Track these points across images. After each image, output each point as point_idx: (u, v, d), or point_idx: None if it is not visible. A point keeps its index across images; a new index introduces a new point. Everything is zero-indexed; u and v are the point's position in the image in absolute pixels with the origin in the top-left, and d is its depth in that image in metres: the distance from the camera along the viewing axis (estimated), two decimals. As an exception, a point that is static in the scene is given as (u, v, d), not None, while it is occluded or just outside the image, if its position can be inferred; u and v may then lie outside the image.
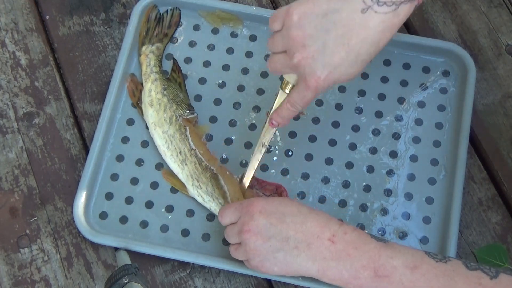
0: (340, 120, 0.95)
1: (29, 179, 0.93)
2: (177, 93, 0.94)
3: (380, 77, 0.97)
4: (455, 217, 0.87)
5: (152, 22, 0.99)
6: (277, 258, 0.77)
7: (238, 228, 0.79)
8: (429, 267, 0.71)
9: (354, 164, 0.92)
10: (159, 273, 0.88)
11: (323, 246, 0.75)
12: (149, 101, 0.93)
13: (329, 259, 0.74)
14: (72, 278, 0.88)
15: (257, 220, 0.77)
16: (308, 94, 0.78)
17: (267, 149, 0.92)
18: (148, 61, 0.96)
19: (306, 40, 0.74)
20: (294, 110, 0.81)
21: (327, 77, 0.75)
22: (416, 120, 0.95)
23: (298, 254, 0.76)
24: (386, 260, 0.72)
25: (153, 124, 0.92)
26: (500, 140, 0.95)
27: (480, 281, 0.68)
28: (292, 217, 0.77)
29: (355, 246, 0.74)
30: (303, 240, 0.75)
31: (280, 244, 0.76)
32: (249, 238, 0.77)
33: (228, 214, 0.82)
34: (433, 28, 1.01)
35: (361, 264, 0.73)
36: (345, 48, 0.74)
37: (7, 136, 0.95)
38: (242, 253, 0.80)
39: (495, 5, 1.02)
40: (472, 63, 0.95)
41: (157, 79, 0.95)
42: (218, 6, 1.00)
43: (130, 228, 0.89)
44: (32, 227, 0.90)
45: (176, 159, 0.90)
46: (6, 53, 1.00)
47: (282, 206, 0.78)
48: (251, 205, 0.79)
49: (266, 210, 0.78)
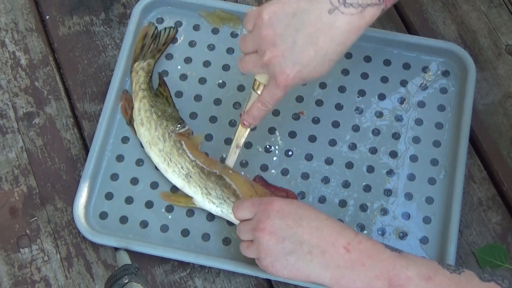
0: (340, 120, 0.95)
1: (29, 179, 0.93)
2: (165, 108, 0.93)
3: (380, 77, 0.97)
4: (455, 217, 0.87)
5: (148, 38, 0.98)
6: (288, 261, 0.75)
7: (253, 225, 0.78)
8: (443, 278, 0.70)
9: (354, 164, 0.92)
10: (159, 273, 0.88)
11: (338, 254, 0.74)
12: (139, 120, 0.93)
13: (343, 268, 0.73)
14: (72, 278, 0.88)
15: (273, 220, 0.76)
16: (278, 91, 0.79)
17: (267, 149, 0.93)
18: (138, 78, 0.95)
19: (276, 38, 0.76)
20: (265, 109, 0.83)
21: (296, 75, 0.77)
22: (416, 120, 0.95)
23: (311, 259, 0.74)
24: (400, 271, 0.71)
25: (147, 143, 0.92)
26: (500, 140, 0.95)
27: None
28: (308, 221, 0.76)
29: (369, 255, 0.73)
30: (317, 246, 0.74)
31: (293, 247, 0.75)
32: (263, 237, 0.76)
33: (245, 208, 0.81)
34: (433, 28, 1.01)
35: (375, 274, 0.72)
36: (314, 47, 0.76)
37: (7, 136, 0.95)
38: (253, 251, 0.79)
39: (495, 5, 1.02)
40: (472, 63, 0.95)
41: (145, 97, 0.94)
42: (218, 6, 1.00)
43: (130, 228, 0.89)
44: (32, 227, 0.90)
45: (179, 174, 0.90)
46: (6, 53, 1.00)
47: (300, 209, 0.77)
48: (270, 204, 0.78)
49: (284, 211, 0.77)
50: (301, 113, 0.95)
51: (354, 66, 0.98)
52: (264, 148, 0.94)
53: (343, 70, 0.98)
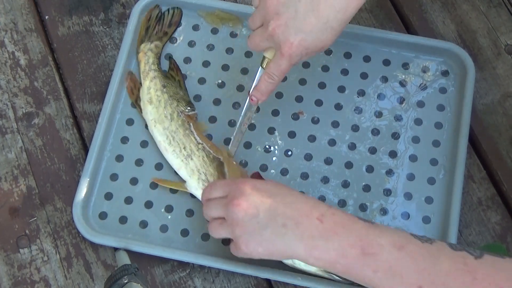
0: (339, 120, 0.95)
1: (29, 179, 0.93)
2: (177, 90, 0.94)
3: (380, 77, 0.97)
4: (454, 217, 0.87)
5: (152, 20, 0.99)
6: (263, 236, 0.75)
7: (226, 201, 0.78)
8: (415, 247, 0.71)
9: (354, 164, 0.92)
10: (159, 273, 0.88)
11: (312, 224, 0.74)
12: (148, 99, 0.93)
13: (317, 238, 0.73)
14: (71, 278, 0.88)
15: (247, 196, 0.76)
16: (283, 62, 0.81)
17: (266, 149, 0.93)
18: (147, 58, 0.96)
19: (280, 7, 0.78)
20: (272, 81, 0.84)
21: (300, 43, 0.79)
22: (416, 120, 0.95)
23: (286, 232, 0.74)
24: (373, 239, 0.72)
25: (152, 121, 0.92)
26: (500, 139, 0.95)
27: (465, 260, 0.69)
28: (282, 197, 0.76)
29: (342, 225, 0.73)
30: (291, 218, 0.74)
31: (268, 220, 0.75)
32: (238, 211, 0.75)
33: (218, 188, 0.81)
34: (432, 28, 1.01)
35: (348, 243, 0.72)
36: (315, 14, 0.77)
37: (7, 136, 0.95)
38: (226, 229, 0.78)
39: (495, 5, 1.02)
40: (471, 63, 0.95)
41: (156, 77, 0.95)
42: (218, 6, 1.00)
43: (130, 228, 0.89)
44: (32, 227, 0.90)
45: (179, 154, 0.90)
46: (5, 53, 1.00)
47: (274, 187, 0.78)
48: (244, 183, 0.78)
49: (258, 188, 0.77)
50: (300, 113, 0.95)
51: (354, 66, 0.98)
52: (263, 148, 0.94)
53: (342, 70, 0.98)
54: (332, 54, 0.99)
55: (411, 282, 0.70)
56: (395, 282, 0.70)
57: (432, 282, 0.69)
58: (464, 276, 0.68)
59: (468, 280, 0.67)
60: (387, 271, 0.70)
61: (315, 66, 0.98)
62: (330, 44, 0.81)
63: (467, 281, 0.67)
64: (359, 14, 1.02)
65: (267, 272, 0.85)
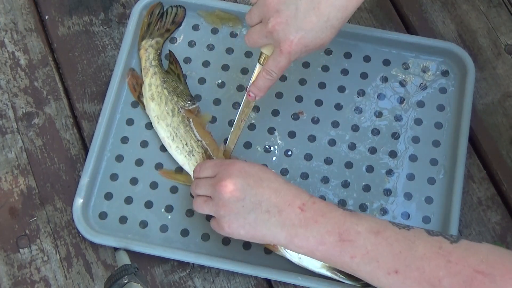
0: (339, 120, 0.95)
1: (29, 179, 0.93)
2: (176, 85, 0.94)
3: (380, 77, 0.97)
4: (454, 216, 0.87)
5: (154, 17, 0.99)
6: (246, 220, 0.78)
7: (214, 181, 0.80)
8: (391, 233, 0.73)
9: (354, 164, 0.92)
10: (159, 273, 0.88)
11: (293, 213, 0.77)
12: (150, 95, 0.94)
13: (297, 226, 0.76)
14: (71, 278, 0.88)
15: (235, 179, 0.79)
16: (282, 59, 0.81)
17: (266, 149, 0.93)
18: (147, 55, 0.96)
19: (280, 5, 0.78)
20: (270, 78, 0.83)
21: (299, 41, 0.79)
22: (416, 120, 0.95)
23: (269, 218, 0.77)
24: (350, 226, 0.74)
25: (155, 117, 0.93)
26: (500, 139, 0.95)
27: (441, 245, 0.70)
28: (268, 182, 0.79)
29: (322, 213, 0.76)
30: (275, 206, 0.77)
31: (253, 205, 0.78)
32: (225, 193, 0.78)
33: (207, 168, 0.83)
34: (432, 27, 1.01)
35: (326, 230, 0.75)
36: (316, 12, 0.77)
37: (7, 136, 0.95)
38: (211, 207, 0.81)
39: (494, 4, 1.02)
40: (471, 63, 0.95)
41: (156, 73, 0.95)
42: (218, 6, 1.00)
43: (130, 228, 0.89)
44: (32, 227, 0.90)
45: (182, 150, 0.91)
46: (5, 53, 1.00)
47: (261, 171, 0.80)
48: (232, 164, 0.81)
49: (245, 171, 0.80)
50: (300, 113, 0.95)
51: (354, 66, 0.98)
52: (263, 148, 0.94)
53: (342, 70, 0.98)
54: (332, 54, 0.99)
55: (387, 267, 0.72)
56: (372, 267, 0.73)
57: (407, 265, 0.71)
58: (438, 259, 0.69)
59: (442, 263, 0.69)
60: (364, 256, 0.73)
61: (315, 66, 0.98)
62: (329, 42, 0.81)
63: (441, 263, 0.69)
64: (359, 14, 1.02)
65: (267, 272, 0.85)
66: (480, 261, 0.68)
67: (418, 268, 0.70)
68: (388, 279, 0.71)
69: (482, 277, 0.66)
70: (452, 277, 0.68)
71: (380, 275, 0.72)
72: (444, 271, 0.68)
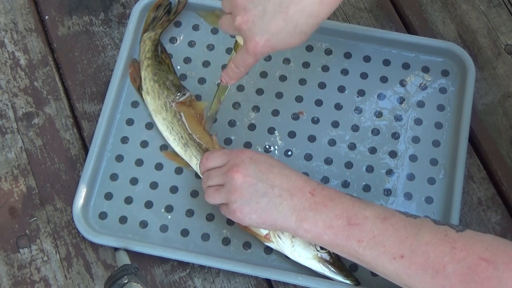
0: (339, 120, 0.95)
1: (29, 179, 0.93)
2: (166, 76, 0.94)
3: (380, 77, 0.97)
4: (454, 217, 0.87)
5: (161, 11, 0.99)
6: (259, 204, 0.79)
7: (225, 170, 0.81)
8: (398, 220, 0.75)
9: (354, 164, 0.92)
10: (159, 273, 0.88)
11: (304, 197, 0.78)
12: (145, 89, 0.95)
13: (307, 209, 0.77)
14: (71, 278, 0.88)
15: (247, 165, 0.80)
16: (248, 58, 0.79)
17: (266, 149, 0.93)
18: (144, 47, 0.97)
19: (248, 3, 0.75)
20: (238, 71, 0.83)
21: (265, 44, 0.76)
22: (416, 120, 0.95)
23: (281, 202, 0.78)
24: (358, 211, 0.76)
25: (153, 111, 0.94)
26: (500, 139, 0.95)
27: (446, 233, 0.72)
28: (279, 169, 0.80)
29: (331, 198, 0.78)
30: (287, 190, 0.78)
31: (265, 189, 0.79)
32: (238, 177, 0.79)
33: (216, 157, 0.84)
34: (432, 28, 1.01)
35: (335, 214, 0.76)
36: (283, 16, 0.74)
37: (7, 136, 0.95)
38: (223, 194, 0.81)
39: (495, 4, 1.02)
40: (471, 63, 0.95)
41: (149, 65, 0.95)
42: (217, 6, 1.00)
43: (130, 228, 0.89)
44: (32, 227, 0.90)
45: (179, 142, 0.92)
46: (5, 53, 1.00)
47: (270, 159, 0.82)
48: (242, 152, 0.82)
49: (256, 158, 0.81)
50: (300, 113, 0.95)
51: (354, 66, 0.98)
52: (263, 148, 0.94)
53: (342, 70, 0.98)
54: (332, 54, 0.99)
55: (393, 252, 0.73)
56: (378, 251, 0.74)
57: (412, 251, 0.72)
58: (443, 246, 0.71)
59: (447, 249, 0.70)
60: (371, 241, 0.74)
61: (315, 66, 0.98)
62: (300, 44, 0.78)
63: (446, 250, 0.70)
64: (359, 14, 1.02)
65: (267, 272, 0.85)
66: (485, 248, 0.69)
67: (423, 254, 0.71)
68: (394, 264, 0.73)
69: (486, 264, 0.68)
70: (457, 263, 0.69)
71: (385, 260, 0.73)
72: (449, 257, 0.70)
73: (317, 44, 0.99)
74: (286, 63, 0.98)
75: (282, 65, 0.98)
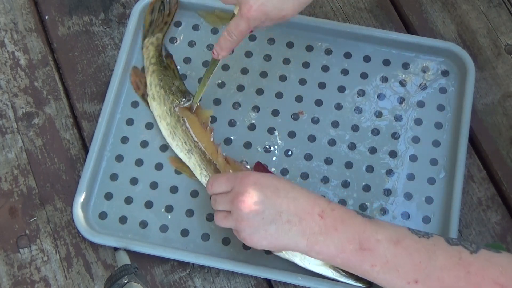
0: (339, 120, 0.95)
1: (29, 179, 0.93)
2: (172, 82, 0.94)
3: (380, 77, 0.97)
4: (454, 216, 0.87)
5: (155, 13, 0.99)
6: (268, 231, 0.77)
7: (231, 198, 0.79)
8: (411, 242, 0.73)
9: (354, 164, 0.92)
10: (159, 273, 0.88)
11: (314, 221, 0.76)
12: (151, 95, 0.94)
13: (318, 234, 0.76)
14: (71, 278, 0.88)
15: (252, 192, 0.78)
16: (241, 23, 0.81)
17: (266, 149, 0.93)
18: (148, 53, 0.97)
19: None
20: (230, 39, 0.84)
21: (259, 8, 0.79)
22: (416, 120, 0.95)
23: (290, 228, 0.77)
24: (370, 234, 0.74)
25: (158, 116, 0.94)
26: (500, 139, 0.95)
27: (461, 255, 0.71)
28: (285, 192, 0.78)
29: (342, 220, 0.76)
30: (295, 215, 0.77)
31: (273, 217, 0.77)
32: (243, 209, 0.77)
33: (221, 183, 0.82)
34: (432, 28, 1.01)
35: (346, 238, 0.75)
36: None
37: (7, 136, 0.95)
38: (231, 222, 0.80)
39: (495, 4, 1.02)
40: (471, 63, 0.95)
41: (155, 71, 0.95)
42: (217, 6, 1.00)
43: (130, 228, 0.89)
44: (32, 227, 0.90)
45: (182, 148, 0.91)
46: (5, 53, 1.00)
47: (276, 181, 0.79)
48: (246, 177, 0.79)
49: (261, 183, 0.78)
50: (300, 113, 0.95)
51: (354, 66, 0.98)
52: (263, 148, 0.94)
53: (342, 70, 0.98)
54: (332, 54, 0.99)
55: (407, 276, 0.72)
56: (392, 276, 0.73)
57: (427, 275, 0.71)
58: (458, 270, 0.70)
59: (462, 274, 0.70)
60: (384, 266, 0.73)
61: (315, 66, 0.98)
62: (293, 15, 0.80)
63: (461, 275, 0.70)
64: (359, 14, 1.02)
65: (267, 272, 0.85)
66: (500, 273, 0.68)
67: (438, 279, 0.70)
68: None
69: None
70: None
71: (399, 285, 0.72)
72: (464, 282, 0.69)
73: (317, 44, 0.99)
74: (286, 63, 0.98)
75: (282, 65, 0.98)
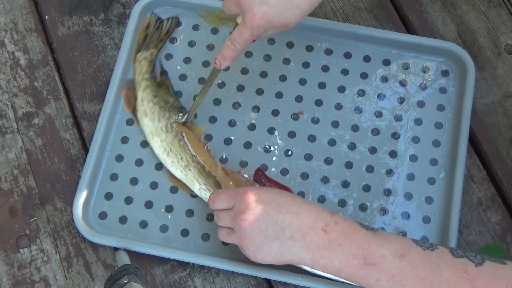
0: (339, 120, 0.95)
1: (29, 179, 0.93)
2: (167, 98, 0.93)
3: (380, 77, 0.97)
4: (454, 216, 0.87)
5: (151, 29, 0.98)
6: (272, 248, 0.77)
7: (233, 215, 0.79)
8: (416, 255, 0.73)
9: (354, 164, 0.92)
10: (159, 273, 0.88)
11: (317, 236, 0.76)
12: (143, 110, 0.93)
13: (322, 249, 0.75)
14: (71, 278, 0.88)
15: (253, 210, 0.77)
16: (245, 31, 0.81)
17: (266, 149, 0.93)
18: (140, 68, 0.96)
19: None
20: (233, 48, 0.84)
21: (262, 16, 0.79)
22: (416, 120, 0.95)
23: (293, 244, 0.76)
24: (375, 249, 0.74)
25: (150, 133, 0.92)
26: (500, 139, 0.95)
27: (466, 268, 0.70)
28: (287, 207, 0.78)
29: (345, 235, 0.75)
30: (298, 230, 0.76)
31: (276, 234, 0.77)
32: (245, 227, 0.77)
33: (222, 200, 0.82)
34: (432, 28, 1.01)
35: (351, 253, 0.74)
36: None
37: (7, 136, 0.95)
38: (234, 239, 0.80)
39: (495, 4, 1.02)
40: (471, 63, 0.95)
41: (148, 87, 0.94)
42: (218, 6, 1.00)
43: (130, 228, 0.89)
44: (32, 227, 0.90)
45: (177, 165, 0.90)
46: (5, 53, 1.00)
47: (278, 196, 0.79)
48: (247, 194, 0.79)
49: (262, 200, 0.78)
50: (300, 113, 0.95)
51: (354, 66, 0.98)
52: (263, 148, 0.94)
53: (342, 70, 0.98)
54: (332, 54, 0.99)
55: None
56: None
57: None
58: (464, 284, 0.69)
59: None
60: (389, 280, 0.72)
61: (315, 66, 0.98)
62: (295, 23, 0.81)
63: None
64: (359, 14, 1.02)
65: (267, 272, 0.85)
66: (506, 286, 0.68)
67: None
68: None
69: None
70: None
71: None
72: None
73: (317, 44, 0.99)
74: (286, 63, 0.98)
75: (282, 65, 0.98)
